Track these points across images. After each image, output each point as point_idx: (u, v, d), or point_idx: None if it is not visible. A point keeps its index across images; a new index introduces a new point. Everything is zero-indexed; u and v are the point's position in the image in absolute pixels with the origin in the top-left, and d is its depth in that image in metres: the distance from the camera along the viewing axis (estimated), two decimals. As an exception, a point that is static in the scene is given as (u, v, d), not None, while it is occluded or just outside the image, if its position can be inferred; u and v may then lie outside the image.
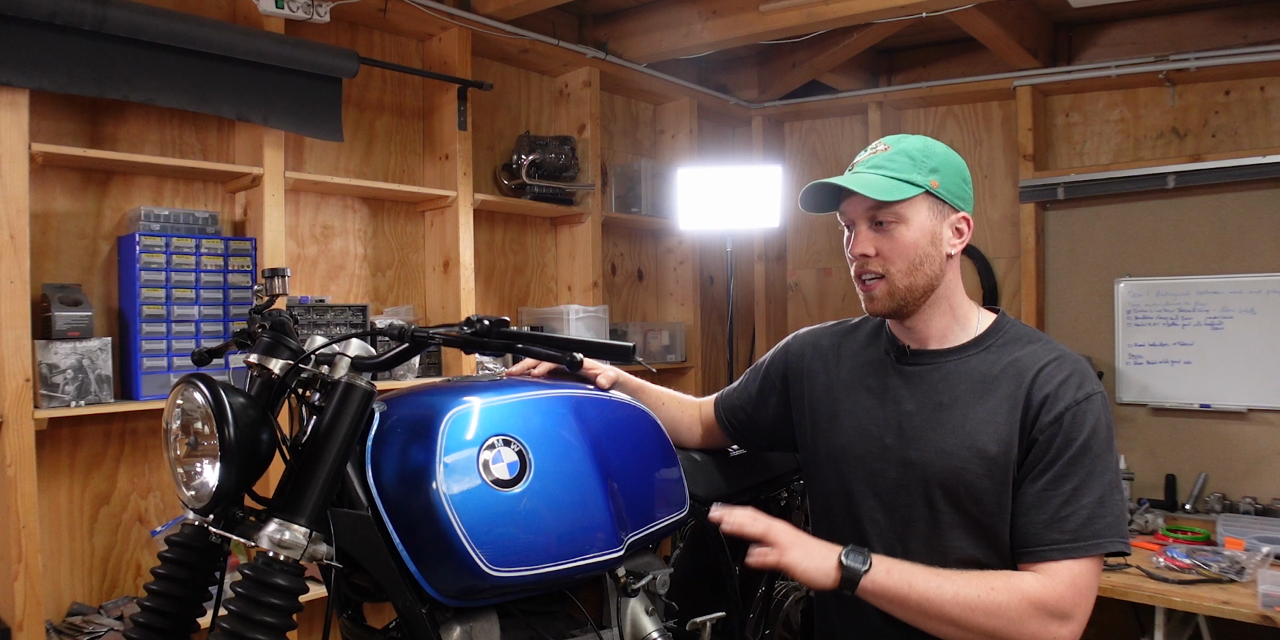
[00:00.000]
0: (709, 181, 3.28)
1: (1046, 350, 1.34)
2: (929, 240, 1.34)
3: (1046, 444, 1.27)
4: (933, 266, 1.35)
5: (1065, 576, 1.24)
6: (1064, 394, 1.28)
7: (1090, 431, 1.26)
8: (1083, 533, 1.24)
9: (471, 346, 1.23)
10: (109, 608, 2.18)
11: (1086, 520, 1.24)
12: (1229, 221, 3.23)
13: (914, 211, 1.33)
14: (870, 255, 1.35)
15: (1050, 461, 1.27)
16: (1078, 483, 1.25)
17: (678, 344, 3.73)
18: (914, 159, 1.34)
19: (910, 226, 1.33)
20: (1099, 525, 1.24)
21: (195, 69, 2.23)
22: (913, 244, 1.33)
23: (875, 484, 1.39)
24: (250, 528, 1.15)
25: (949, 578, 1.25)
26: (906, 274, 1.34)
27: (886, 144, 1.38)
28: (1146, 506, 3.10)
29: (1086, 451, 1.26)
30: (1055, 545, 1.25)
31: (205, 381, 1.13)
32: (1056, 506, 1.25)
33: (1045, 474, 1.27)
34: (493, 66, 3.22)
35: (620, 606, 1.36)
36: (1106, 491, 1.26)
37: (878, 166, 1.35)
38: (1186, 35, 3.36)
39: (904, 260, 1.33)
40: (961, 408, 1.33)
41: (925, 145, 1.37)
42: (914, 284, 1.34)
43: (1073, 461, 1.26)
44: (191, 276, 2.23)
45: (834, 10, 2.89)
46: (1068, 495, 1.25)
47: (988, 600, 1.22)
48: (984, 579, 1.25)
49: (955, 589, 1.24)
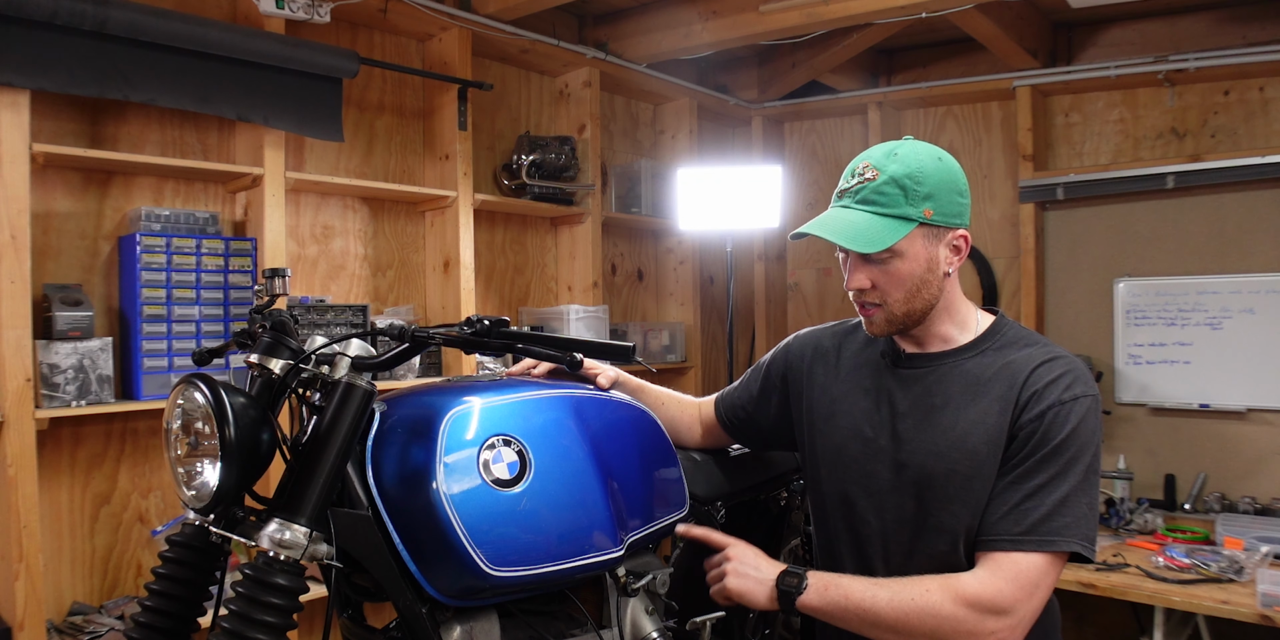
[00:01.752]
0: (709, 181, 3.29)
1: (1042, 352, 1.33)
2: (926, 268, 1.31)
3: (1025, 440, 1.27)
4: (931, 290, 1.33)
5: (1009, 570, 1.22)
6: (1050, 393, 1.27)
7: (1070, 432, 1.25)
8: (1038, 528, 1.22)
9: (471, 346, 1.23)
10: (110, 607, 2.19)
11: (1045, 516, 1.23)
12: (1228, 221, 3.23)
13: (909, 244, 1.29)
14: (866, 288, 1.33)
15: (1024, 457, 1.26)
16: (1045, 480, 1.24)
17: (678, 344, 3.73)
18: (905, 189, 1.27)
19: (905, 259, 1.30)
20: (1057, 523, 1.22)
21: (196, 69, 2.23)
22: (909, 275, 1.31)
23: (868, 485, 1.39)
24: (251, 527, 1.15)
25: (884, 585, 1.26)
26: (905, 302, 1.33)
27: (875, 169, 1.30)
28: (1146, 506, 3.11)
29: (1062, 451, 1.25)
30: (1006, 536, 1.24)
31: (206, 381, 1.13)
32: (1018, 500, 1.25)
33: (1017, 468, 1.27)
34: (493, 66, 3.23)
35: (620, 606, 1.37)
36: (1073, 492, 1.24)
37: (867, 201, 1.29)
38: (1186, 35, 3.36)
39: (901, 290, 1.32)
40: (954, 410, 1.33)
41: (918, 169, 1.28)
42: (912, 310, 1.34)
43: (1045, 459, 1.25)
44: (192, 276, 2.23)
45: (834, 10, 2.89)
46: (1031, 490, 1.24)
47: (922, 603, 1.23)
48: (919, 582, 1.25)
49: (890, 595, 1.24)
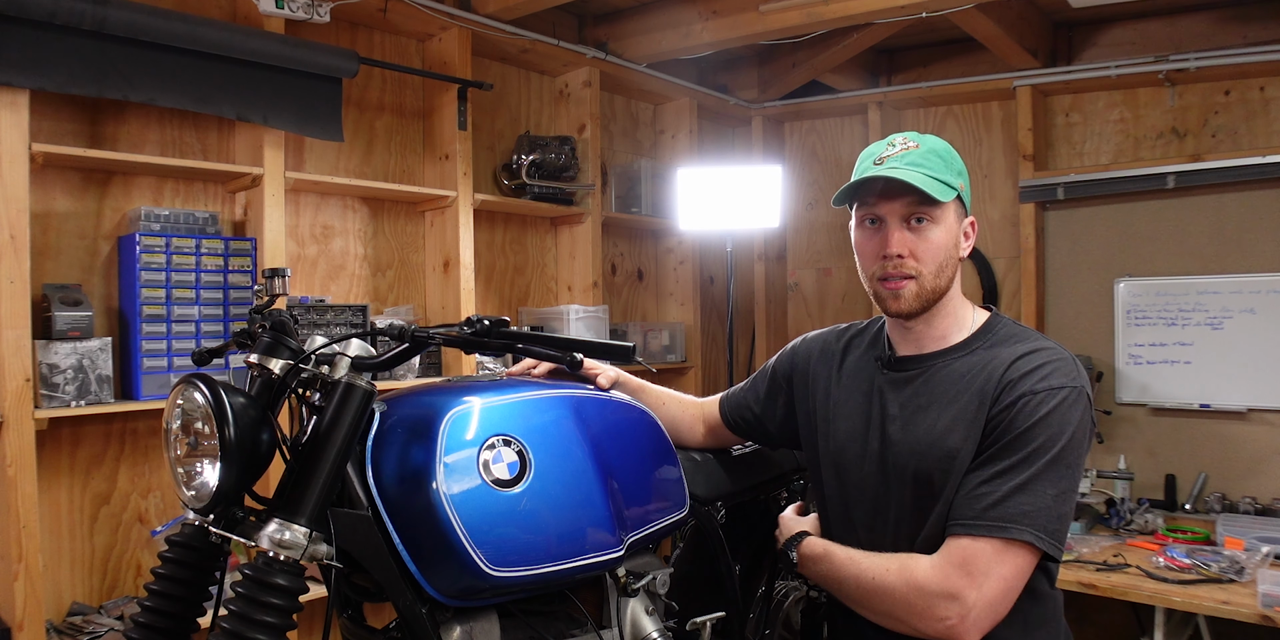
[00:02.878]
0: (709, 181, 3.28)
1: (1028, 346, 1.31)
2: (953, 242, 1.35)
3: (993, 428, 1.25)
4: (952, 269, 1.35)
5: (957, 555, 1.21)
6: (1024, 383, 1.25)
7: (1039, 420, 1.22)
8: (988, 513, 1.20)
9: (471, 346, 1.23)
10: (109, 608, 2.19)
11: (998, 501, 1.20)
12: (1229, 221, 3.23)
13: (946, 213, 1.33)
14: (905, 256, 1.33)
15: (990, 444, 1.25)
16: (1006, 466, 1.22)
17: (678, 344, 3.73)
18: (945, 160, 1.33)
19: (941, 228, 1.32)
20: (1011, 510, 1.19)
21: (195, 69, 2.23)
22: (942, 246, 1.33)
23: (863, 487, 1.40)
24: (250, 528, 1.15)
25: (859, 560, 1.32)
26: (935, 275, 1.33)
27: (914, 141, 1.35)
28: (1146, 506, 3.11)
29: (1028, 439, 1.22)
30: (959, 520, 1.23)
31: (205, 381, 1.13)
32: (975, 484, 1.23)
33: (983, 455, 1.25)
34: (493, 66, 3.23)
35: (620, 606, 1.36)
36: (1035, 480, 1.20)
37: (916, 164, 1.31)
38: (1186, 35, 3.36)
39: (934, 261, 1.33)
40: (937, 409, 1.33)
41: (948, 147, 1.37)
42: (939, 285, 1.34)
43: (1009, 445, 1.23)
44: (192, 276, 2.23)
45: (834, 10, 2.89)
46: (991, 475, 1.23)
47: (880, 581, 1.25)
48: (884, 561, 1.27)
49: (857, 572, 1.30)
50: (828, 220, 4.24)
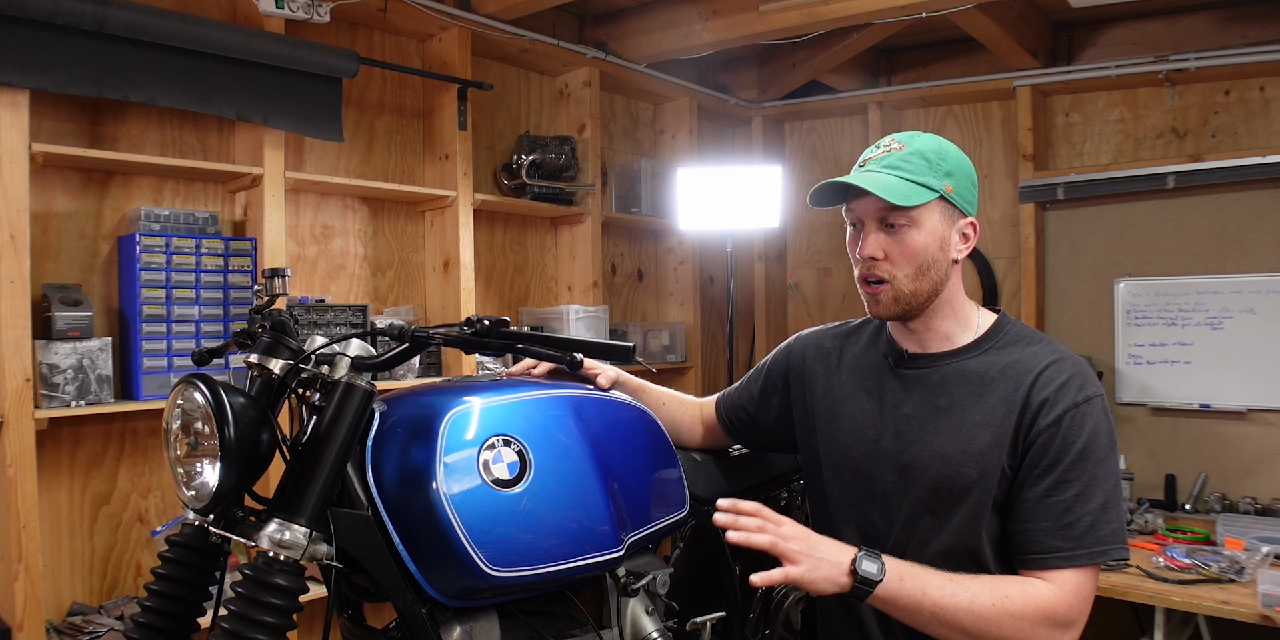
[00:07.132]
0: (709, 181, 3.28)
1: (1047, 352, 1.32)
2: (938, 245, 1.32)
3: (1044, 447, 1.26)
4: (939, 272, 1.33)
5: (1071, 584, 1.23)
6: (1063, 396, 1.26)
7: (1090, 435, 1.25)
8: (1086, 540, 1.22)
9: (471, 346, 1.23)
10: (109, 608, 2.18)
11: (1090, 527, 1.23)
12: (1229, 221, 3.23)
13: (926, 215, 1.30)
14: (878, 258, 1.32)
15: (1050, 465, 1.25)
16: (1080, 488, 1.24)
17: (678, 344, 3.73)
18: (930, 161, 1.31)
19: (921, 231, 1.30)
20: (1103, 532, 1.23)
21: (195, 69, 2.23)
22: (922, 248, 1.31)
23: (872, 487, 1.39)
24: (250, 528, 1.15)
25: (963, 584, 1.21)
26: (913, 279, 1.32)
27: (901, 142, 1.34)
28: (1146, 506, 3.10)
29: (1088, 456, 1.24)
30: (1058, 553, 1.23)
31: (205, 381, 1.13)
32: (1059, 513, 1.24)
33: (1045, 478, 1.25)
34: (493, 66, 3.22)
35: (620, 606, 1.36)
36: (1110, 498, 1.25)
37: (893, 166, 1.31)
38: (1186, 35, 3.36)
39: (911, 265, 1.31)
40: (959, 411, 1.32)
41: (940, 146, 1.34)
42: (919, 289, 1.33)
43: (1074, 466, 1.24)
44: (191, 276, 2.23)
45: (834, 10, 2.89)
46: (1070, 502, 1.24)
47: (1001, 609, 1.20)
48: (998, 587, 1.22)
49: (970, 596, 1.20)
50: (827, 220, 4.24)
